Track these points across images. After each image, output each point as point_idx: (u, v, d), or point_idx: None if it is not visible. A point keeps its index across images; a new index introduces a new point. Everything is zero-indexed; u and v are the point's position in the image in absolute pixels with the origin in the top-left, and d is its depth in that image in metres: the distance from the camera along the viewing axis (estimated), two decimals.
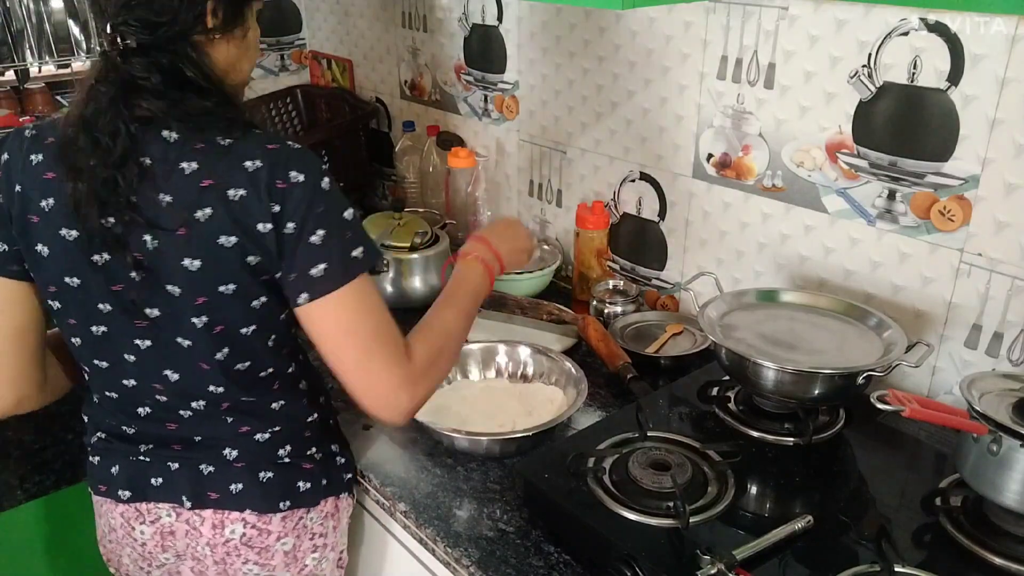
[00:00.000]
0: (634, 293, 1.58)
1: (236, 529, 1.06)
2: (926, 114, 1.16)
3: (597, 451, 1.08)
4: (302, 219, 0.91)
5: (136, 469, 1.08)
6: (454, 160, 1.87)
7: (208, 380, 1.02)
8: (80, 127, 0.92)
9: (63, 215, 0.94)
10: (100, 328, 1.00)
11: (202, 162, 0.91)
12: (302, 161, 0.93)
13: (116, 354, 1.02)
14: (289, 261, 0.92)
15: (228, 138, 0.92)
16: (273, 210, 0.90)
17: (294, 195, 0.91)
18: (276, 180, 0.91)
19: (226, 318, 0.97)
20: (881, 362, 1.07)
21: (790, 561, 0.92)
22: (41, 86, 2.09)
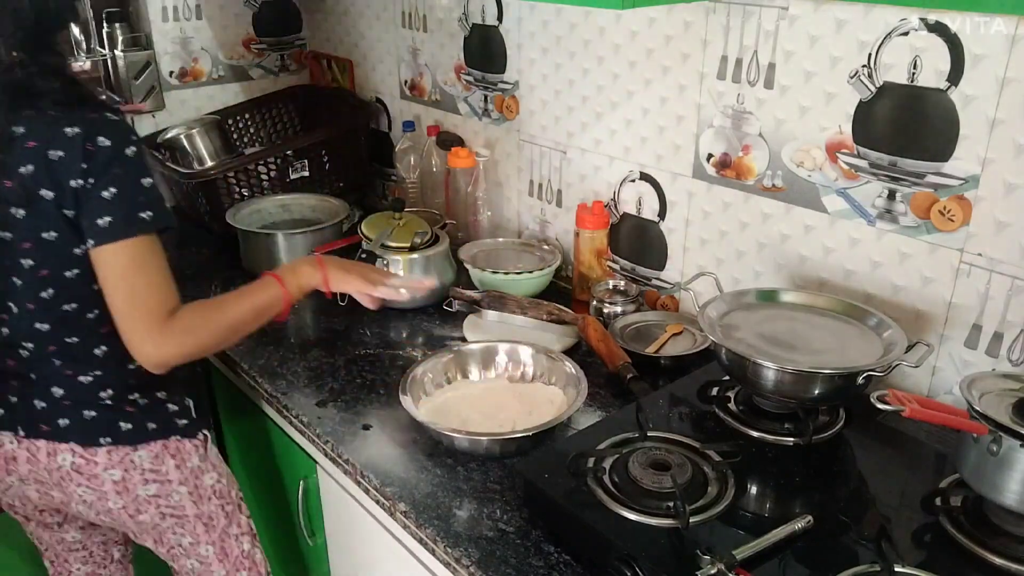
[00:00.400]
0: (634, 293, 1.58)
1: (66, 458, 1.21)
2: (926, 114, 1.16)
3: (597, 451, 1.08)
4: (99, 176, 1.08)
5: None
6: (454, 160, 1.87)
7: (35, 319, 1.16)
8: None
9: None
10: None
11: (28, 127, 1.09)
12: (112, 129, 1.10)
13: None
14: (85, 210, 1.09)
15: (55, 109, 1.09)
16: (82, 167, 1.07)
17: (99, 157, 1.08)
18: (87, 143, 1.08)
19: (50, 262, 1.13)
20: (881, 362, 1.07)
21: (790, 561, 0.92)
22: None
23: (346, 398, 1.37)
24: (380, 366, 1.47)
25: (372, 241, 1.65)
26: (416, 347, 1.54)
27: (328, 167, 2.12)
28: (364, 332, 1.58)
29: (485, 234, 1.91)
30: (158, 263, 1.14)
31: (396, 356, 1.50)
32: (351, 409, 1.34)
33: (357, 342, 1.55)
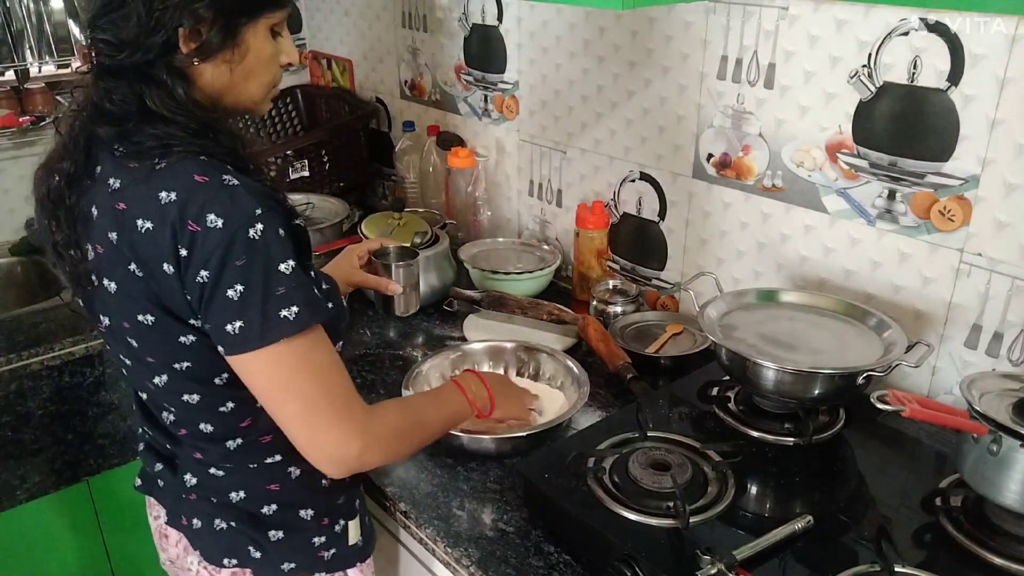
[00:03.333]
0: (634, 293, 1.58)
1: (193, 562, 1.05)
2: (926, 114, 1.16)
3: (597, 451, 1.08)
4: (217, 269, 0.81)
5: (145, 460, 1.09)
6: (454, 160, 1.87)
7: (159, 399, 0.97)
8: (56, 129, 0.93)
9: None
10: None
11: (124, 182, 0.86)
12: (227, 204, 0.82)
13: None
14: (205, 312, 0.84)
15: (164, 161, 0.84)
16: (180, 253, 0.82)
17: (208, 242, 0.81)
18: (187, 220, 0.81)
19: (154, 349, 0.91)
20: (881, 362, 1.07)
21: (790, 561, 0.92)
22: (41, 86, 2.08)
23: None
24: (380, 366, 1.47)
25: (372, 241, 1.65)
26: (416, 347, 1.54)
27: (328, 167, 2.12)
28: (364, 332, 1.58)
29: (485, 234, 1.91)
30: (325, 362, 0.88)
31: (396, 356, 1.50)
32: None
33: (357, 342, 1.55)
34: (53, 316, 1.70)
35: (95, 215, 0.88)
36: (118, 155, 0.87)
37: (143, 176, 0.84)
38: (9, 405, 1.59)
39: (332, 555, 1.05)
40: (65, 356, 1.62)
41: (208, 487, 1.00)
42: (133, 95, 0.86)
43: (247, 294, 0.82)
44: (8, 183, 2.06)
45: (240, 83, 0.93)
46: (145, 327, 0.89)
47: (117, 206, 0.85)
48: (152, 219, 0.83)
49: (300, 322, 0.85)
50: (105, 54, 0.87)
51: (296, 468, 1.01)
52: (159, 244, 0.83)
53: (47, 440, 1.66)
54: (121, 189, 0.85)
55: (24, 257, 2.02)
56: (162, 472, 1.05)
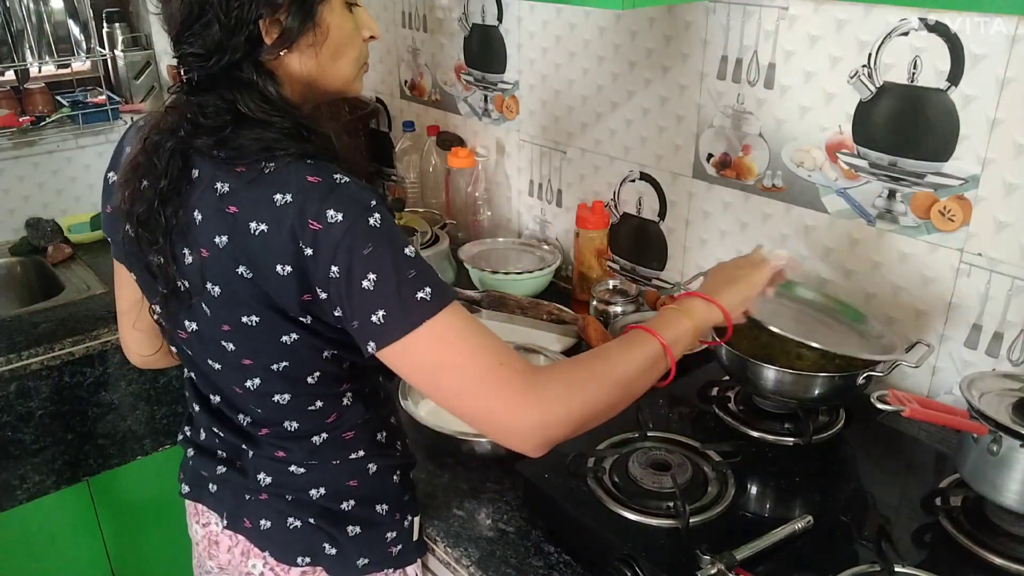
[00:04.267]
0: (634, 293, 1.58)
1: (256, 565, 1.03)
2: (926, 114, 1.16)
3: (597, 451, 1.08)
4: (347, 263, 0.81)
5: (198, 464, 1.08)
6: (454, 160, 1.87)
7: (246, 401, 0.97)
8: (143, 147, 0.91)
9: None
10: (160, 321, 1.02)
11: (234, 186, 0.85)
12: (343, 198, 0.82)
13: (178, 348, 1.03)
14: (347, 309, 0.83)
15: (272, 163, 0.84)
16: (305, 252, 0.82)
17: (331, 237, 0.81)
18: (308, 220, 0.81)
19: (254, 350, 0.91)
20: (881, 363, 1.07)
21: (790, 561, 0.92)
22: (41, 86, 2.09)
23: None
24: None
25: None
26: None
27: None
28: None
29: (485, 234, 1.91)
30: (472, 330, 0.85)
31: None
32: None
33: None
34: (53, 316, 1.70)
35: (199, 220, 0.87)
36: (219, 159, 0.87)
37: (254, 179, 0.84)
38: (9, 405, 1.59)
39: (399, 550, 1.05)
40: (65, 356, 1.62)
41: (285, 485, 1.00)
42: (225, 103, 0.87)
43: (381, 282, 0.82)
44: (8, 183, 2.06)
45: (329, 65, 0.93)
46: (249, 328, 0.89)
47: (228, 209, 0.85)
48: (267, 222, 0.83)
49: (437, 301, 0.84)
50: (195, 67, 0.87)
51: (375, 464, 1.02)
52: (273, 246, 0.83)
53: (47, 440, 1.66)
54: (231, 193, 0.85)
55: (24, 257, 2.02)
56: (225, 475, 1.04)
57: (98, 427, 1.72)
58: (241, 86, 0.87)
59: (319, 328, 0.89)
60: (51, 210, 2.12)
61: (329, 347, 0.91)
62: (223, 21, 0.84)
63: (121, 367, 1.70)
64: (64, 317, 1.69)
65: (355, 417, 0.98)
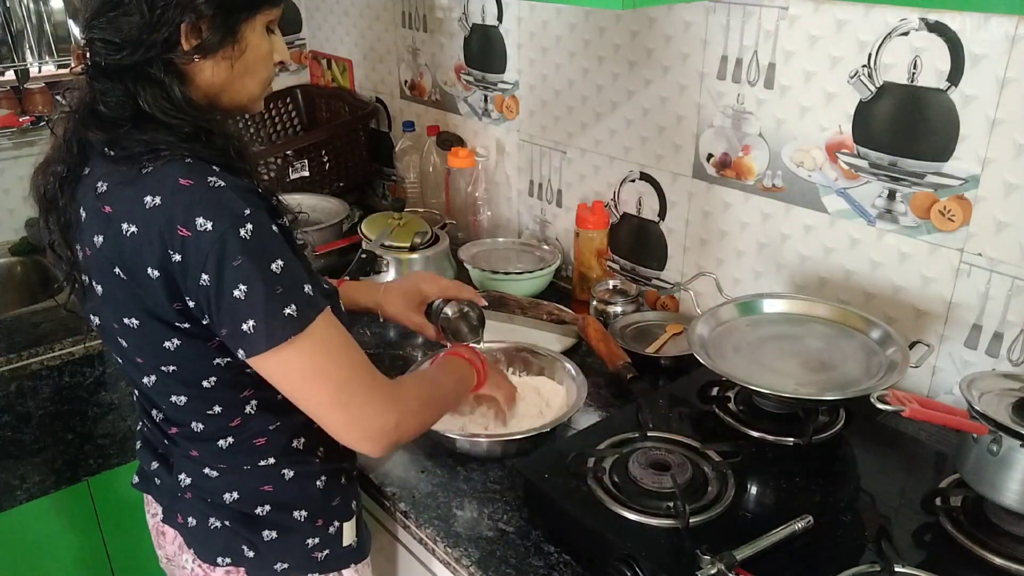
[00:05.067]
0: (634, 293, 1.58)
1: (188, 561, 1.04)
2: (926, 114, 1.16)
3: (597, 451, 1.08)
4: (216, 272, 0.81)
5: (142, 458, 1.10)
6: (454, 160, 1.87)
7: (151, 397, 0.97)
8: (52, 132, 0.92)
9: None
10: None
11: (111, 185, 0.85)
12: (213, 205, 0.81)
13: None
14: (215, 315, 0.84)
15: (151, 165, 0.84)
16: (172, 259, 0.82)
17: (200, 246, 0.80)
18: (176, 226, 0.81)
19: (142, 351, 0.91)
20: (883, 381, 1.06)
21: (790, 561, 0.92)
22: (41, 86, 2.09)
23: None
24: (380, 366, 1.44)
25: (372, 241, 1.65)
26: (416, 347, 1.53)
27: (328, 167, 2.12)
28: (364, 332, 1.58)
29: (485, 234, 1.91)
30: (339, 343, 0.90)
31: (396, 356, 1.50)
32: None
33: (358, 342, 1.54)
34: (53, 316, 1.70)
35: (83, 217, 0.89)
36: (109, 157, 0.87)
37: (130, 179, 0.84)
38: (9, 405, 1.59)
39: (326, 556, 1.05)
40: (65, 356, 1.62)
41: (202, 487, 1.01)
42: (128, 97, 0.86)
43: (251, 294, 0.82)
44: (8, 183, 2.06)
45: (238, 80, 0.93)
46: (131, 329, 0.89)
47: (103, 209, 0.85)
48: (137, 224, 0.83)
49: (304, 318, 0.85)
50: (103, 54, 0.86)
51: (290, 470, 1.01)
52: (144, 249, 0.83)
53: (47, 440, 1.66)
54: (108, 192, 0.85)
55: (24, 257, 2.02)
56: (158, 470, 1.06)
57: (98, 427, 1.71)
58: (147, 82, 0.86)
59: (201, 334, 0.88)
60: None
61: (219, 355, 0.91)
62: (145, 16, 0.83)
63: None
64: (64, 317, 1.69)
65: (263, 424, 0.97)
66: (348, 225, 1.93)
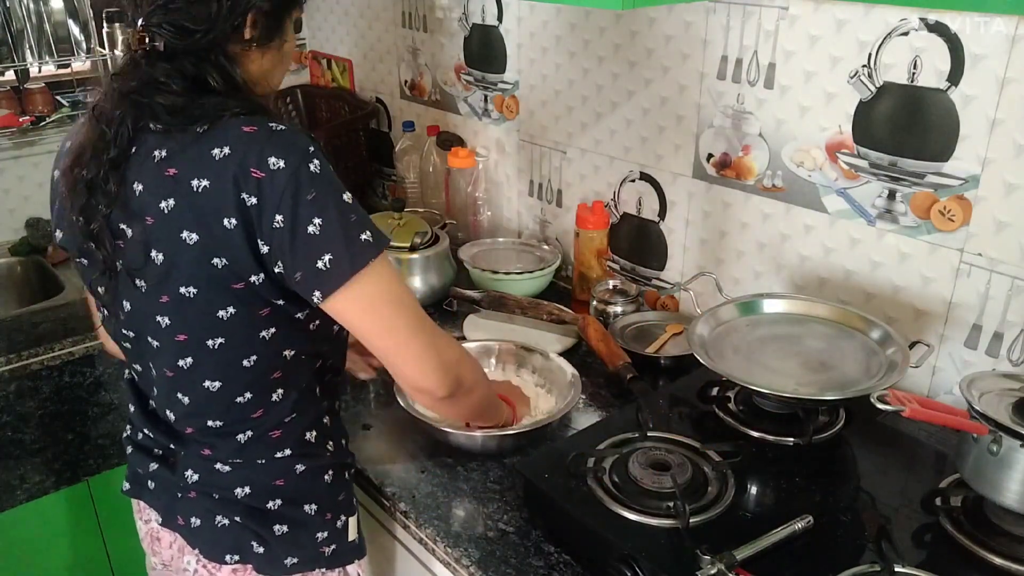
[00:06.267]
0: (634, 293, 1.58)
1: (191, 562, 1.04)
2: (926, 114, 1.16)
3: (597, 451, 1.08)
4: (292, 209, 0.83)
5: (135, 462, 1.09)
6: (454, 160, 1.87)
7: (174, 387, 0.96)
8: (91, 118, 0.92)
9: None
10: (103, 311, 1.01)
11: (172, 149, 0.86)
12: (282, 144, 0.84)
13: (120, 342, 1.03)
14: (290, 258, 0.84)
15: (207, 124, 0.86)
16: (248, 203, 0.83)
17: (275, 184, 0.83)
18: (250, 168, 0.83)
19: (190, 325, 0.91)
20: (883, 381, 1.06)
21: (790, 561, 0.92)
22: (41, 86, 2.09)
23: (346, 398, 1.37)
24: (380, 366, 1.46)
25: None
26: None
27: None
28: None
29: (485, 234, 1.92)
30: (406, 287, 0.93)
31: None
32: (351, 409, 1.34)
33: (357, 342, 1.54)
34: (53, 316, 1.70)
35: (139, 191, 0.88)
36: (160, 131, 0.88)
37: (190, 141, 0.86)
38: (9, 405, 1.59)
39: (333, 551, 1.05)
40: (65, 356, 1.62)
41: (211, 483, 1.00)
42: (188, 78, 0.89)
43: (326, 226, 0.84)
44: (8, 183, 2.06)
45: (272, 72, 0.98)
46: (186, 300, 0.89)
47: (167, 172, 0.85)
48: (208, 176, 0.84)
49: (378, 242, 0.88)
50: (169, 38, 0.88)
51: (302, 464, 1.02)
52: (218, 199, 0.84)
53: (47, 440, 1.66)
54: (169, 156, 0.86)
55: (24, 257, 2.02)
56: (157, 472, 1.05)
57: (98, 427, 1.72)
58: (210, 65, 0.90)
59: (259, 297, 0.89)
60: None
61: (266, 326, 0.92)
62: (222, 3, 0.88)
63: (121, 367, 1.68)
64: (64, 317, 1.69)
65: (282, 414, 0.99)
66: None
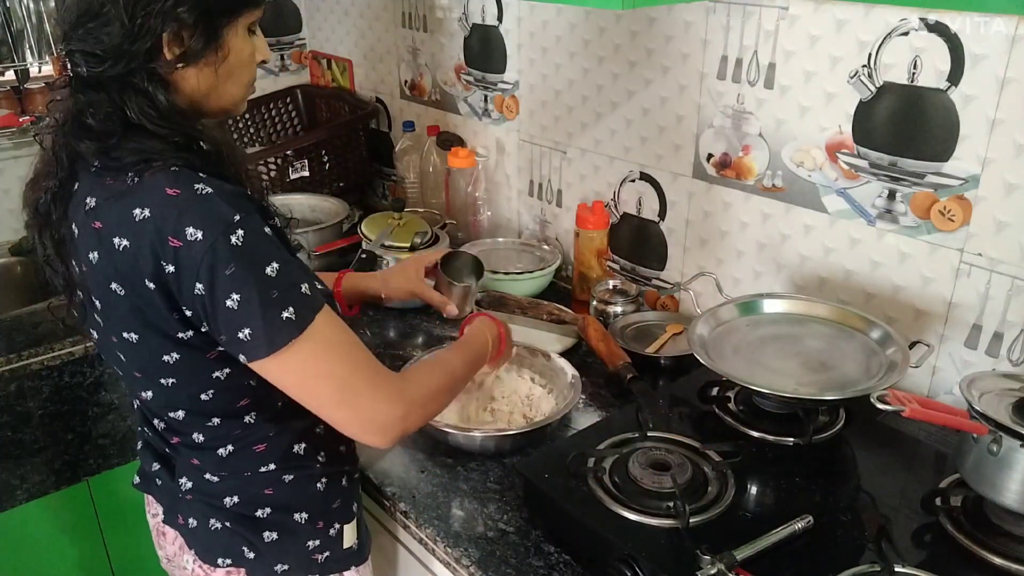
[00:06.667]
0: (634, 293, 1.58)
1: (189, 561, 1.05)
2: (926, 114, 1.16)
3: (597, 451, 1.08)
4: (209, 281, 0.81)
5: (144, 459, 1.10)
6: (454, 160, 1.87)
7: (151, 410, 0.99)
8: (41, 147, 0.93)
9: None
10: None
11: (99, 200, 0.85)
12: (201, 214, 0.81)
13: None
14: (212, 324, 0.84)
15: (138, 177, 0.83)
16: (166, 270, 0.82)
17: (192, 255, 0.80)
18: (167, 236, 0.80)
19: (141, 366, 0.92)
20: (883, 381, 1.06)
21: (790, 561, 0.92)
22: (41, 86, 2.08)
23: None
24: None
25: (372, 241, 1.65)
26: (416, 347, 1.54)
27: (328, 167, 2.12)
28: (364, 332, 1.58)
29: (485, 234, 1.91)
30: (341, 340, 0.90)
31: (396, 356, 1.50)
32: None
33: None
34: (53, 316, 1.70)
35: (76, 234, 0.89)
36: (95, 171, 0.87)
37: (117, 194, 0.84)
38: (9, 405, 1.59)
39: (326, 558, 1.05)
40: (65, 356, 1.62)
41: (203, 491, 1.01)
42: (114, 108, 0.85)
43: (244, 304, 0.82)
44: (8, 183, 2.06)
45: (223, 85, 0.92)
46: (130, 344, 0.90)
47: (94, 225, 0.85)
48: (128, 237, 0.83)
49: (302, 320, 0.85)
50: (84, 66, 0.85)
51: (290, 475, 1.02)
52: (138, 261, 0.83)
53: (47, 440, 1.66)
54: (96, 208, 0.85)
55: (24, 257, 2.02)
56: (159, 472, 1.06)
57: (98, 427, 1.71)
58: (132, 91, 0.85)
59: (201, 345, 0.88)
60: None
61: (217, 366, 0.91)
62: (125, 26, 0.82)
63: None
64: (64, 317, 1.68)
65: (262, 432, 0.98)
66: (348, 225, 1.93)
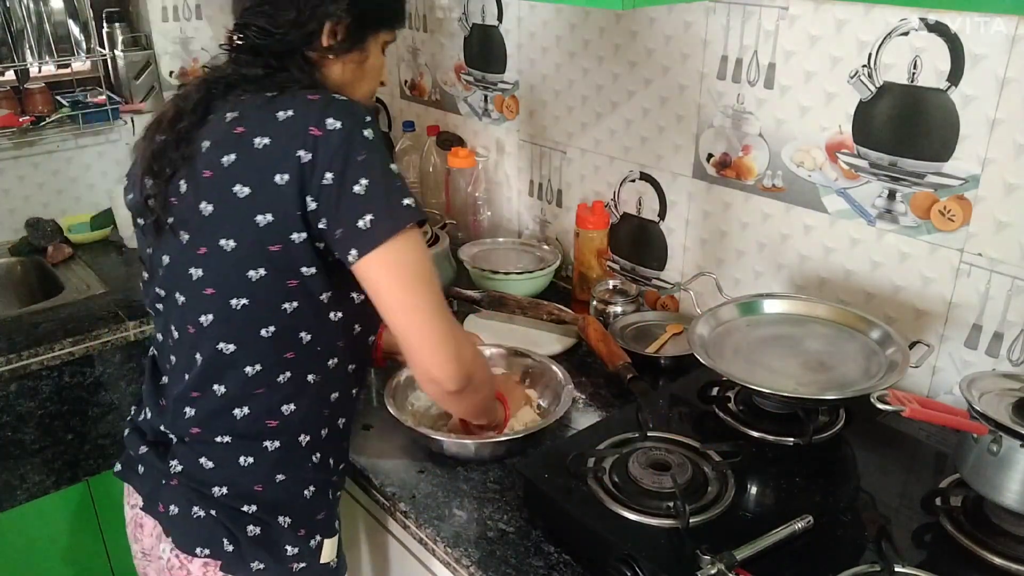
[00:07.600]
0: (634, 293, 1.58)
1: (165, 550, 1.03)
2: (926, 114, 1.16)
3: (597, 451, 1.08)
4: (341, 168, 0.88)
5: (129, 444, 1.10)
6: (454, 160, 1.87)
7: (193, 347, 0.98)
8: (175, 98, 1.01)
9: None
10: (144, 276, 1.07)
11: (243, 111, 0.94)
12: (341, 108, 0.91)
13: (152, 306, 1.06)
14: (333, 214, 0.88)
15: (277, 91, 0.94)
16: (303, 159, 0.88)
17: (330, 142, 0.88)
18: (310, 127, 0.89)
19: (220, 280, 0.94)
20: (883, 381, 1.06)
21: (790, 561, 0.92)
22: (41, 86, 2.08)
23: None
24: (380, 367, 1.46)
25: None
26: None
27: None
28: None
29: (485, 234, 1.92)
30: (433, 266, 0.95)
31: (395, 355, 1.50)
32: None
33: None
34: (53, 316, 1.70)
35: (205, 148, 0.94)
36: (233, 98, 0.96)
37: (261, 104, 0.93)
38: (9, 405, 1.59)
39: (302, 569, 1.04)
40: (65, 356, 1.62)
41: (193, 476, 1.01)
42: (280, 68, 0.97)
43: (371, 187, 0.89)
44: (8, 183, 2.06)
45: (355, 84, 1.05)
46: (223, 253, 0.93)
47: (235, 130, 0.92)
48: (270, 135, 0.90)
49: (417, 211, 0.92)
50: (255, 36, 0.98)
51: (283, 474, 1.02)
52: (276, 156, 0.89)
53: (47, 440, 1.66)
54: (240, 117, 0.93)
55: (24, 257, 2.02)
56: (146, 455, 1.06)
57: (98, 427, 1.71)
58: (291, 63, 0.98)
59: (288, 269, 0.93)
60: (51, 210, 2.11)
61: (290, 298, 0.95)
62: (300, 7, 0.96)
63: (121, 367, 1.70)
64: (64, 317, 1.69)
65: (284, 398, 0.99)
66: None
